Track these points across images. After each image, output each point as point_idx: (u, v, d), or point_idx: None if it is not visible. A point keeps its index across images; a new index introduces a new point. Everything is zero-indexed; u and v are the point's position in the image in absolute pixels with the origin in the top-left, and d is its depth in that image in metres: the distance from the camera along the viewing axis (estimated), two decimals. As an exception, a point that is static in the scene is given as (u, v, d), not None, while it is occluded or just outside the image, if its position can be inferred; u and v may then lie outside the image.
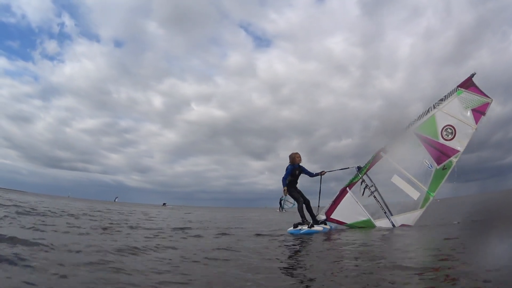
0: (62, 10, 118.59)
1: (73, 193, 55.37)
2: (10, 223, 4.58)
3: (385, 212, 6.10)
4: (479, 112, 6.39)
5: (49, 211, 7.76)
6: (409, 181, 6.13)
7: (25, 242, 2.91)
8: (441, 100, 6.40)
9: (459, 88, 6.45)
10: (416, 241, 4.53)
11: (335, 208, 6.26)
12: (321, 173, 6.17)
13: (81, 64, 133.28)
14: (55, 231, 4.14)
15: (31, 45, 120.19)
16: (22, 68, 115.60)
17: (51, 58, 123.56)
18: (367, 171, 6.24)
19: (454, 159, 6.16)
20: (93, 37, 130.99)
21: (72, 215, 7.31)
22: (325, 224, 6.14)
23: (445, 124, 6.28)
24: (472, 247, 3.35)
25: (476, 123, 6.29)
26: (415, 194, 6.08)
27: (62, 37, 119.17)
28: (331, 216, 6.26)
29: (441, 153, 6.21)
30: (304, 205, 5.99)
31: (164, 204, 39.40)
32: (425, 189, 6.09)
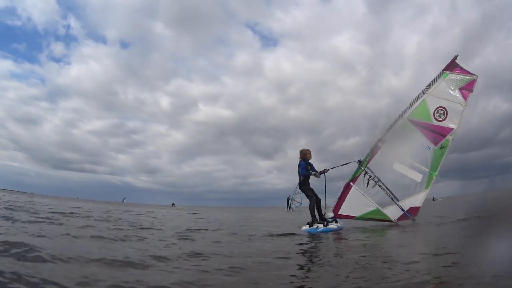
0: (68, 12, 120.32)
1: (80, 194, 55.82)
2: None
3: (392, 199, 6.47)
4: (466, 90, 6.74)
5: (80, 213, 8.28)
6: (411, 166, 6.48)
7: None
8: (429, 85, 6.77)
9: (444, 71, 6.82)
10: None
11: (342, 203, 6.55)
12: (324, 171, 6.39)
13: (88, 65, 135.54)
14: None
15: (37, 48, 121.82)
16: (29, 71, 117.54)
17: (58, 60, 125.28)
18: (368, 163, 6.54)
19: (449, 137, 6.53)
20: (100, 39, 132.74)
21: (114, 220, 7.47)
22: (336, 221, 6.36)
23: (436, 107, 6.64)
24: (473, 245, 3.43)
25: (465, 100, 6.66)
26: (418, 177, 6.44)
27: (68, 39, 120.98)
28: (339, 212, 6.54)
29: (437, 134, 6.58)
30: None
31: (173, 204, 40.11)
32: (427, 170, 6.44)
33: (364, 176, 6.50)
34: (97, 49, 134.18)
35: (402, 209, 6.38)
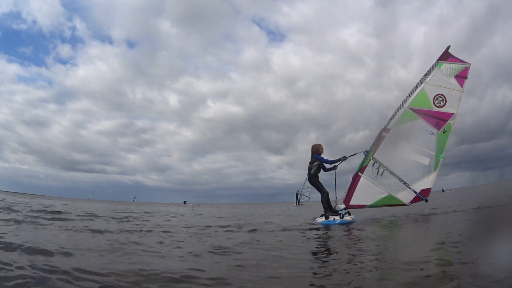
0: (73, 13, 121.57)
1: (91, 195, 56.12)
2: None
3: (403, 184, 6.77)
4: (461, 77, 7.13)
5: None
6: (417, 151, 6.78)
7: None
8: (426, 75, 7.17)
9: (439, 61, 7.28)
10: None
11: (352, 194, 6.79)
12: (344, 158, 6.66)
13: (95, 66, 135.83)
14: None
15: (44, 51, 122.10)
16: (36, 74, 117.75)
17: (64, 62, 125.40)
18: (374, 152, 6.82)
19: (451, 121, 6.86)
20: (106, 39, 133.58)
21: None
22: (349, 214, 6.59)
23: (435, 94, 7.03)
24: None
25: (462, 86, 7.06)
26: (425, 160, 6.74)
27: (74, 41, 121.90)
28: (351, 203, 6.77)
29: (439, 119, 6.93)
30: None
31: (184, 202, 40.23)
32: (433, 153, 6.74)
33: (373, 165, 6.82)
34: (104, 49, 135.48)
35: (415, 192, 6.64)
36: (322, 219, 6.45)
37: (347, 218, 6.41)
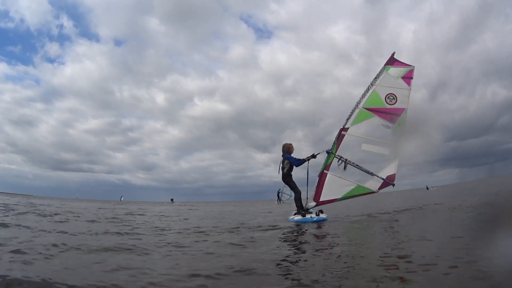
0: (60, 11, 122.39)
1: (79, 194, 54.69)
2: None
3: (370, 174, 7.34)
4: (408, 78, 8.05)
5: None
6: (377, 143, 7.49)
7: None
8: (375, 78, 8.09)
9: (386, 65, 8.25)
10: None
11: (321, 191, 7.17)
12: (313, 156, 7.08)
13: (82, 64, 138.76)
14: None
15: (31, 49, 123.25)
16: (23, 72, 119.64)
17: (52, 61, 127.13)
18: (336, 151, 7.35)
19: (404, 115, 7.62)
20: (93, 37, 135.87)
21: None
22: (322, 212, 6.86)
23: (386, 94, 7.87)
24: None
25: (409, 85, 7.95)
26: (386, 150, 7.39)
27: (62, 39, 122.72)
28: (321, 200, 7.13)
29: (392, 115, 7.67)
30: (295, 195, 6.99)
31: (171, 200, 38.82)
32: (392, 144, 7.45)
33: (338, 161, 7.41)
34: (91, 47, 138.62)
35: (382, 178, 7.15)
36: (299, 217, 6.77)
37: (322, 215, 6.75)
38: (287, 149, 7.26)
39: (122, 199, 44.19)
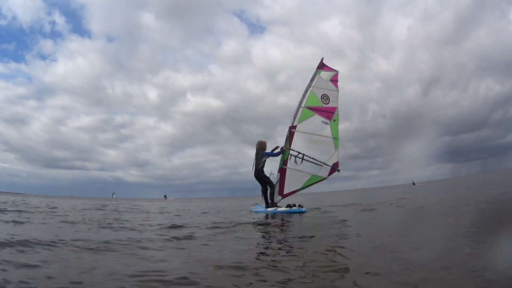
0: (52, 7, 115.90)
1: (74, 192, 49.99)
2: None
3: (319, 164, 8.40)
4: (335, 81, 9.52)
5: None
6: (321, 138, 8.63)
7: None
8: (311, 80, 9.25)
9: (318, 69, 9.49)
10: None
11: (284, 185, 8.02)
12: (284, 147, 7.90)
13: (74, 61, 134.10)
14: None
15: (23, 46, 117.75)
16: (15, 70, 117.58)
17: (44, 58, 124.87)
18: (290, 146, 8.24)
19: (336, 112, 9.00)
20: (85, 33, 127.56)
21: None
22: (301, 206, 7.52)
23: (321, 94, 9.11)
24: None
25: (336, 87, 9.39)
26: (328, 142, 8.60)
27: (54, 36, 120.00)
28: (285, 193, 7.97)
29: (328, 112, 8.96)
30: (263, 190, 7.63)
31: (165, 196, 37.77)
32: (332, 137, 8.69)
33: (291, 157, 8.23)
34: (83, 44, 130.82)
35: (329, 166, 8.29)
36: (282, 208, 7.30)
37: (301, 208, 7.38)
38: (262, 146, 7.75)
39: (114, 196, 44.02)
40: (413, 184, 35.48)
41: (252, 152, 7.98)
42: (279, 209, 7.42)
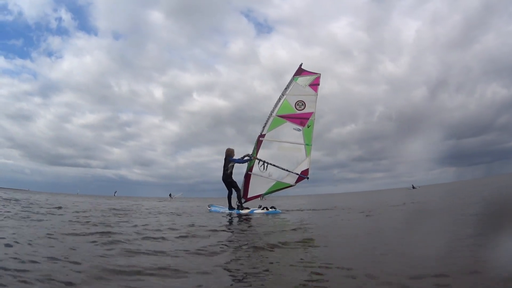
0: (59, 4, 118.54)
1: (76, 189, 53.58)
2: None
3: (286, 171, 8.63)
4: (315, 85, 9.44)
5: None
6: (291, 145, 8.76)
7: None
8: (285, 89, 9.38)
9: (295, 76, 9.57)
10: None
11: (248, 189, 8.44)
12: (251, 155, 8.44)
13: (80, 58, 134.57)
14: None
15: (29, 43, 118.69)
16: (21, 66, 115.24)
17: (49, 54, 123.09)
18: (256, 154, 8.59)
19: (312, 118, 8.97)
20: (91, 30, 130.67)
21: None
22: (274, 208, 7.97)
23: (295, 101, 9.21)
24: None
25: (316, 91, 9.34)
26: (299, 149, 8.71)
27: (60, 32, 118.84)
28: (248, 197, 8.42)
29: (302, 119, 8.99)
30: (229, 193, 8.23)
31: (170, 195, 39.06)
32: (303, 144, 8.76)
33: (259, 164, 8.62)
34: (89, 41, 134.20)
35: (297, 174, 8.47)
36: (259, 210, 7.86)
37: (276, 209, 7.94)
38: (230, 153, 8.39)
39: (115, 194, 45.08)
40: (413, 187, 34.90)
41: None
42: (256, 210, 7.88)
